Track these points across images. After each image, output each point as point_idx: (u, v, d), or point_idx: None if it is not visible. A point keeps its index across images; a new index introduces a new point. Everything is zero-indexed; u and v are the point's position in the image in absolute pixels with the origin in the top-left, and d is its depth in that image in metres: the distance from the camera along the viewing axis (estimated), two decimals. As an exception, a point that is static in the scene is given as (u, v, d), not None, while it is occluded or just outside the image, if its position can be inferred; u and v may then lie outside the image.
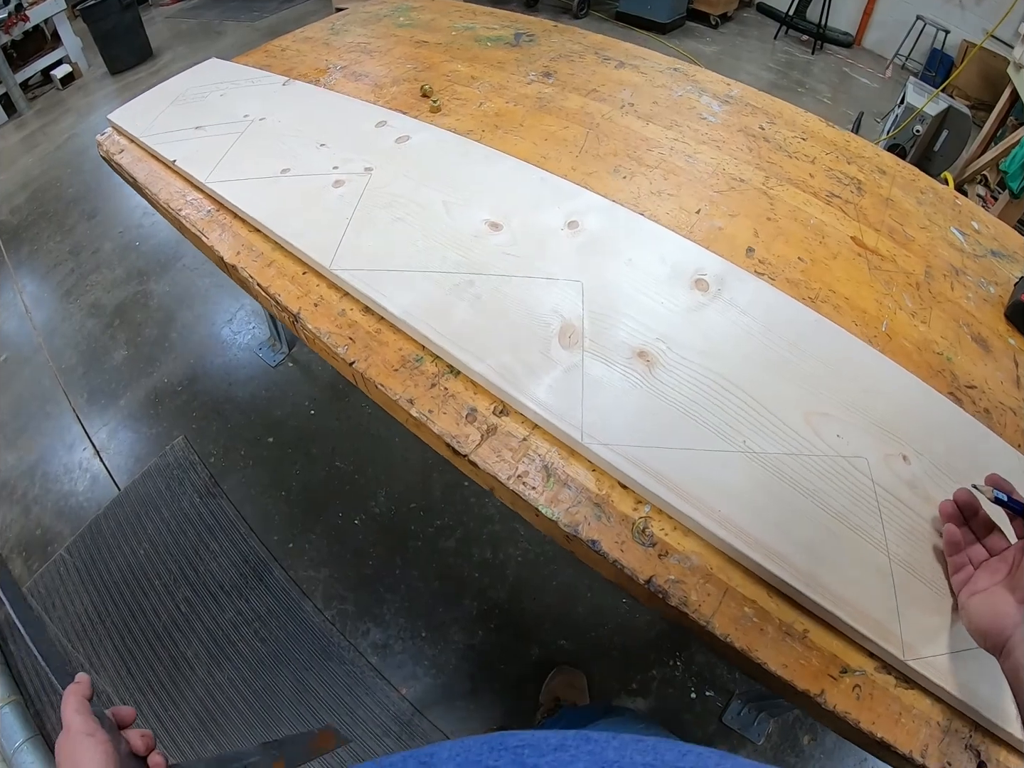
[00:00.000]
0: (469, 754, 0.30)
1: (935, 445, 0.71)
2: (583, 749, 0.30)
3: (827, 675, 0.56)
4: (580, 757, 0.29)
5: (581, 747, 0.30)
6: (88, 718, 0.44)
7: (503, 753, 0.30)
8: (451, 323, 0.73)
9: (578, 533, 0.62)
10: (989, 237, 1.07)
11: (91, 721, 0.44)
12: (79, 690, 0.47)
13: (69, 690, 0.47)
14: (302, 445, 1.63)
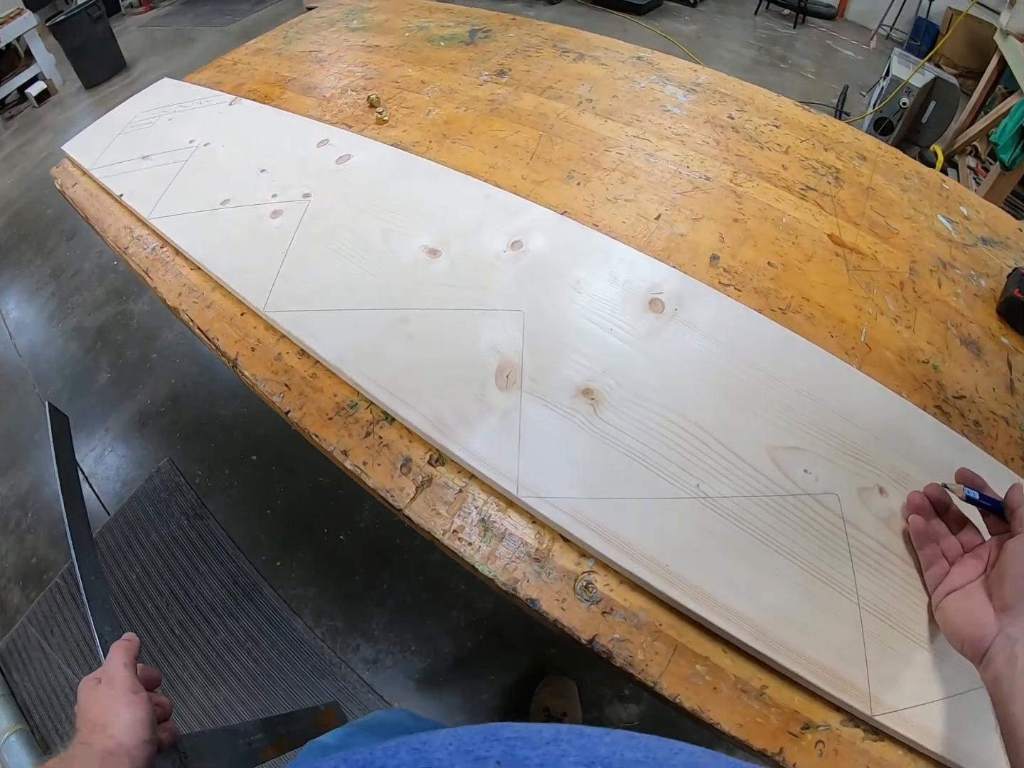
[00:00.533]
0: (462, 743, 0.30)
1: (916, 472, 0.65)
2: (575, 744, 0.30)
3: (787, 732, 0.52)
4: (571, 752, 0.29)
5: (573, 741, 0.30)
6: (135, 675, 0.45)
7: (495, 744, 0.30)
8: (384, 366, 0.70)
9: (516, 592, 0.58)
10: (979, 223, 0.99)
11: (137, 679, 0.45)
12: (130, 647, 0.48)
13: (120, 644, 0.48)
14: (285, 462, 1.62)
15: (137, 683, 0.45)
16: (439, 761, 0.29)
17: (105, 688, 0.44)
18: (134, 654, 0.47)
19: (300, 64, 1.25)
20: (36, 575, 1.48)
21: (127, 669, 0.45)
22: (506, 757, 0.29)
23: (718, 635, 0.55)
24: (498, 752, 0.29)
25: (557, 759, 0.29)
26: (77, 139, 1.20)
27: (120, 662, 0.45)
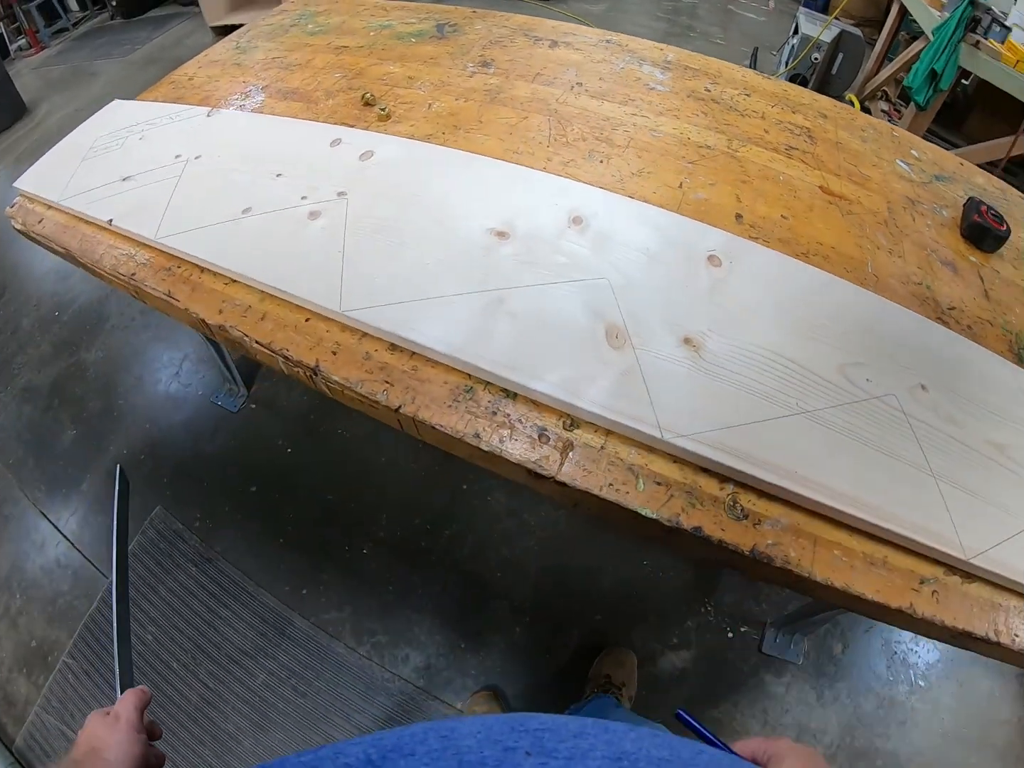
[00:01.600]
0: (490, 732, 0.31)
1: (941, 370, 0.79)
2: (601, 738, 0.31)
3: (911, 589, 0.63)
4: (598, 746, 0.30)
5: (599, 736, 0.31)
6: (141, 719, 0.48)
7: (523, 735, 0.31)
8: (494, 346, 0.71)
9: (680, 524, 0.63)
10: (930, 163, 1.15)
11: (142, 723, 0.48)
12: (144, 696, 0.51)
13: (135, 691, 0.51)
14: (288, 486, 1.55)
15: (141, 725, 0.48)
16: (468, 748, 0.29)
17: (111, 721, 0.47)
18: (145, 703, 0.50)
19: (267, 71, 1.21)
20: (39, 659, 1.33)
21: (136, 711, 0.48)
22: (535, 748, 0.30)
23: (842, 522, 0.65)
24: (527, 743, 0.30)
25: (585, 752, 0.29)
26: (30, 174, 1.10)
27: (132, 704, 0.49)
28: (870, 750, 1.33)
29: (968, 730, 1.38)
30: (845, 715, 1.36)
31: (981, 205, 1.05)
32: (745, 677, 1.35)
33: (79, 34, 3.79)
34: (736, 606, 1.43)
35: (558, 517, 1.54)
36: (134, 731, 0.47)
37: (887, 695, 1.39)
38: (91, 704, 1.30)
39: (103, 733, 0.46)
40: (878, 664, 1.41)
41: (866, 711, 1.37)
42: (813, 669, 1.38)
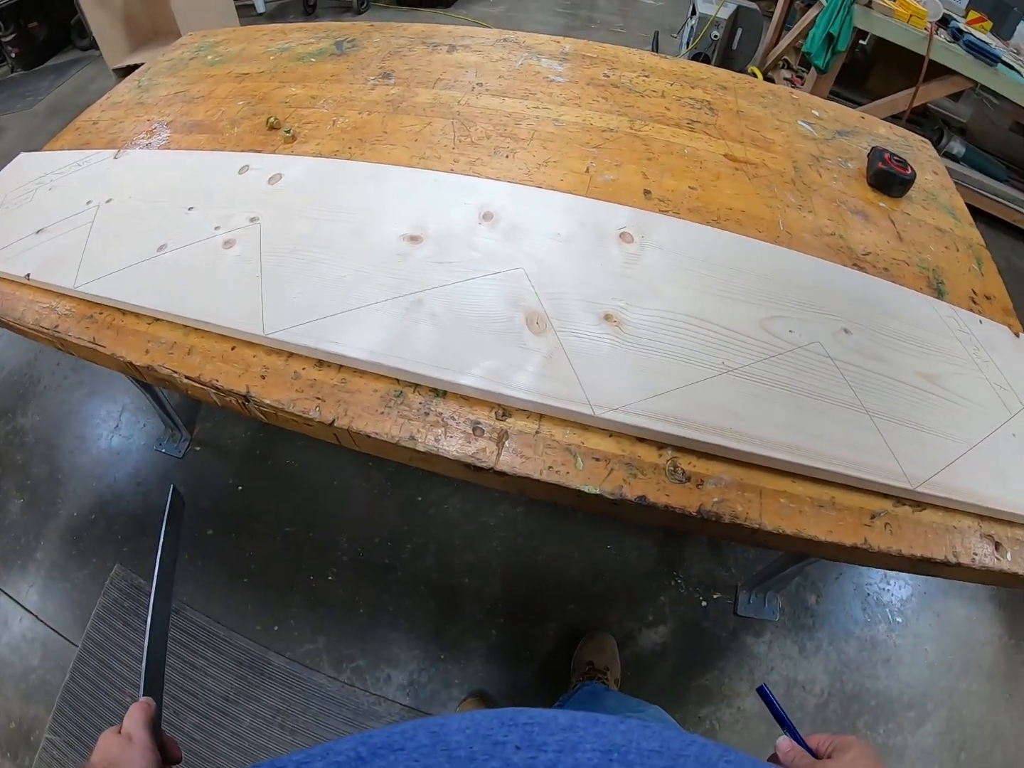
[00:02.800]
0: (480, 728, 0.31)
1: (862, 311, 0.82)
2: (591, 731, 0.31)
3: (863, 525, 0.65)
4: (587, 739, 0.30)
5: (589, 729, 0.31)
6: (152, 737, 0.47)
7: (513, 729, 0.31)
8: (418, 347, 0.72)
9: (624, 496, 0.64)
10: (831, 119, 1.20)
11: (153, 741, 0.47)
12: (148, 710, 0.49)
13: (139, 706, 0.50)
14: (244, 525, 1.52)
15: (153, 744, 0.47)
16: (457, 744, 0.29)
17: (124, 740, 0.47)
18: (151, 716, 0.49)
19: (170, 107, 1.20)
20: (21, 740, 1.27)
21: (144, 728, 0.47)
22: (525, 742, 0.30)
23: (785, 470, 0.67)
24: (516, 737, 0.30)
25: (575, 745, 0.30)
26: (-61, 239, 1.06)
27: (140, 721, 0.48)
28: (861, 692, 1.37)
29: (952, 656, 1.43)
30: (830, 663, 1.39)
31: (885, 153, 1.09)
32: (726, 642, 1.37)
33: (-20, 90, 3.66)
34: (705, 575, 1.46)
35: (516, 515, 1.55)
36: (148, 751, 0.46)
37: (868, 637, 1.43)
38: (82, 776, 1.25)
39: (117, 753, 0.46)
40: (854, 608, 1.45)
41: (850, 656, 1.40)
42: (791, 623, 1.41)
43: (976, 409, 0.74)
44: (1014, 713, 1.37)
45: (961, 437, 0.71)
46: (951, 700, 1.37)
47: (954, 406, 0.74)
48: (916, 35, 2.03)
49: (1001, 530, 0.67)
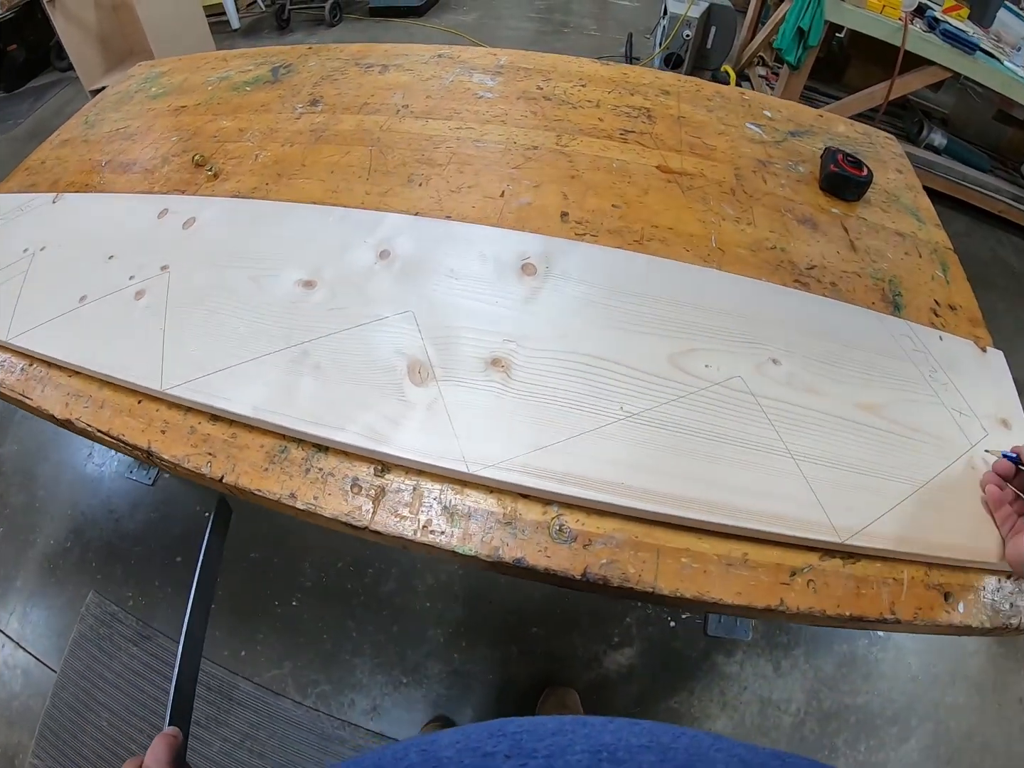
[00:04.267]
0: (469, 740, 0.31)
1: (797, 336, 0.76)
2: (580, 733, 0.31)
3: (779, 584, 0.60)
4: (577, 741, 0.30)
5: (578, 731, 0.31)
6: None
7: (502, 739, 0.30)
8: (300, 402, 0.70)
9: (501, 558, 0.61)
10: (784, 119, 1.14)
11: None
12: (174, 744, 0.47)
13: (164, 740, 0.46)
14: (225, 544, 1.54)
15: None
16: (448, 760, 0.29)
17: None
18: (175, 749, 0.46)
19: (111, 144, 1.20)
20: (6, 765, 1.32)
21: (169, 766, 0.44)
22: (514, 751, 0.30)
23: (688, 526, 0.62)
24: (506, 746, 0.30)
25: (564, 748, 0.29)
26: None
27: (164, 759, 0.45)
28: (840, 709, 1.33)
29: (938, 668, 1.37)
30: (807, 681, 1.35)
31: (838, 154, 1.03)
32: (696, 663, 1.34)
33: (-40, 115, 3.74)
34: (675, 594, 1.42)
35: None
36: None
37: (847, 652, 1.38)
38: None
39: None
40: (830, 627, 1.40)
41: (828, 672, 1.36)
42: (765, 642, 1.37)
43: (928, 441, 0.68)
44: (1004, 724, 1.31)
45: (907, 475, 0.65)
46: (937, 713, 1.32)
47: (901, 440, 0.67)
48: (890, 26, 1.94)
49: (952, 578, 0.61)
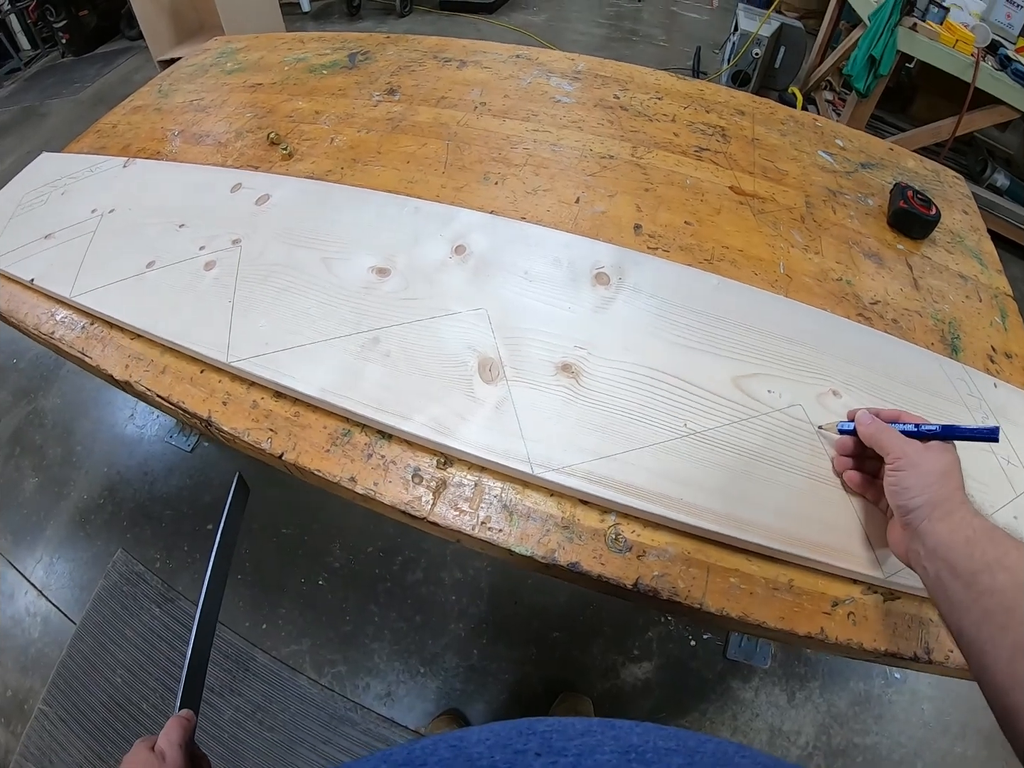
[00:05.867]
0: (499, 738, 0.31)
1: (857, 370, 0.76)
2: (608, 734, 0.31)
3: (821, 613, 0.60)
4: (606, 742, 0.30)
5: (606, 732, 0.31)
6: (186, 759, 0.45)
7: (532, 737, 0.31)
8: (368, 388, 0.71)
9: (556, 561, 0.62)
10: (855, 150, 1.12)
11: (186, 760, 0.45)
12: (188, 727, 0.47)
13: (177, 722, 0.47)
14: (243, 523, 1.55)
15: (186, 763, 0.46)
16: (479, 755, 0.30)
17: (157, 759, 0.45)
18: (190, 732, 0.48)
19: (184, 115, 1.22)
20: (15, 708, 1.35)
21: (180, 749, 0.45)
22: (544, 748, 0.30)
23: (739, 547, 0.62)
24: (536, 744, 0.30)
25: (593, 748, 0.30)
26: (-36, 231, 1.11)
27: (176, 740, 0.46)
28: (848, 747, 1.31)
29: (950, 718, 1.35)
30: (819, 715, 1.33)
31: (908, 190, 1.02)
32: (711, 684, 1.33)
33: (31, 74, 3.81)
34: (698, 613, 1.42)
35: None
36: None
37: (862, 691, 1.36)
38: (68, 749, 1.31)
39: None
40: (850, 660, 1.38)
41: (841, 709, 1.34)
42: (782, 671, 1.36)
43: (975, 487, 0.66)
44: (1007, 782, 1.29)
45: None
46: (944, 762, 1.30)
47: None
48: (962, 61, 1.91)
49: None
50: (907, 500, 0.52)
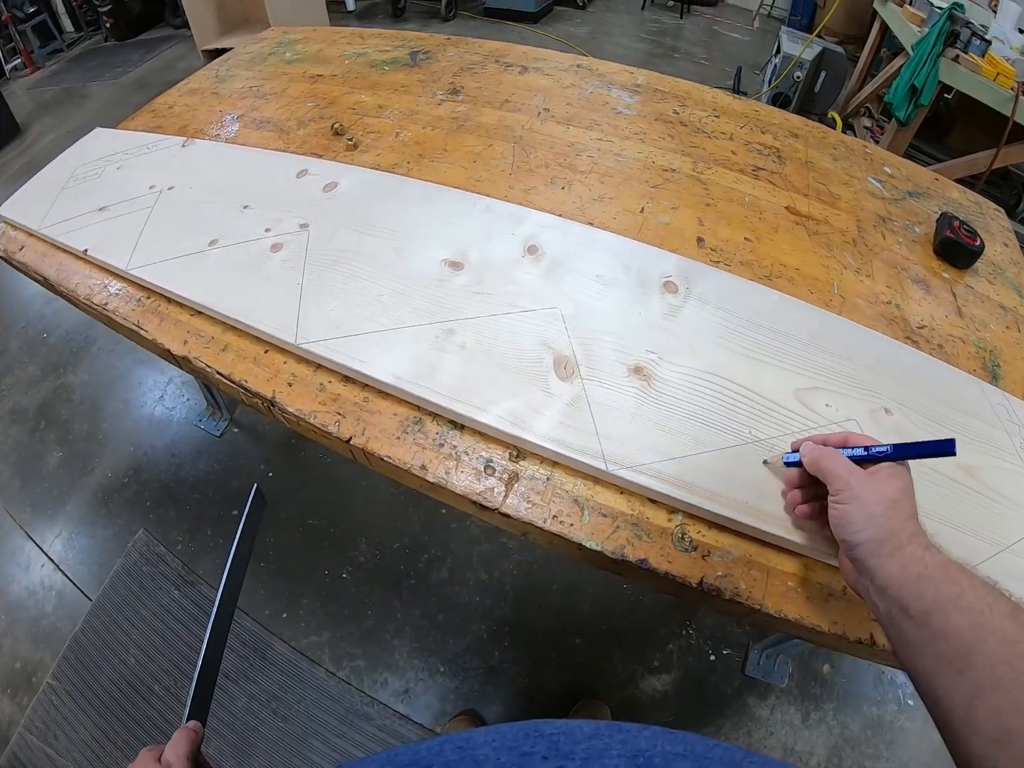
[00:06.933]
0: (505, 740, 0.31)
1: (907, 391, 0.77)
2: (616, 738, 0.31)
3: (871, 620, 0.61)
4: (613, 745, 0.30)
5: (614, 736, 0.31)
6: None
7: (539, 740, 0.31)
8: (443, 378, 0.72)
9: (625, 556, 0.63)
10: (903, 179, 1.15)
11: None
12: (195, 739, 0.46)
13: (186, 734, 0.46)
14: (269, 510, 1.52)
15: None
16: (485, 758, 0.30)
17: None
18: (197, 744, 0.46)
19: (243, 100, 1.23)
20: (24, 680, 1.34)
21: (187, 763, 0.44)
22: (551, 752, 0.30)
23: (796, 552, 0.64)
24: (543, 747, 0.30)
25: (601, 752, 0.30)
26: (12, 201, 1.12)
27: (184, 753, 0.44)
28: (859, 771, 1.31)
29: (960, 749, 1.35)
30: (832, 736, 1.34)
31: (954, 220, 1.04)
32: (728, 700, 1.34)
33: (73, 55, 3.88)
34: (719, 628, 1.42)
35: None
36: None
37: (875, 715, 1.37)
38: (74, 726, 1.31)
39: None
40: (866, 684, 1.39)
41: (853, 732, 1.35)
42: (798, 691, 1.36)
43: (1013, 509, 0.68)
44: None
45: (993, 537, 0.65)
46: (950, 794, 1.31)
47: (990, 503, 0.68)
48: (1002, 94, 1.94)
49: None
50: (851, 535, 0.48)
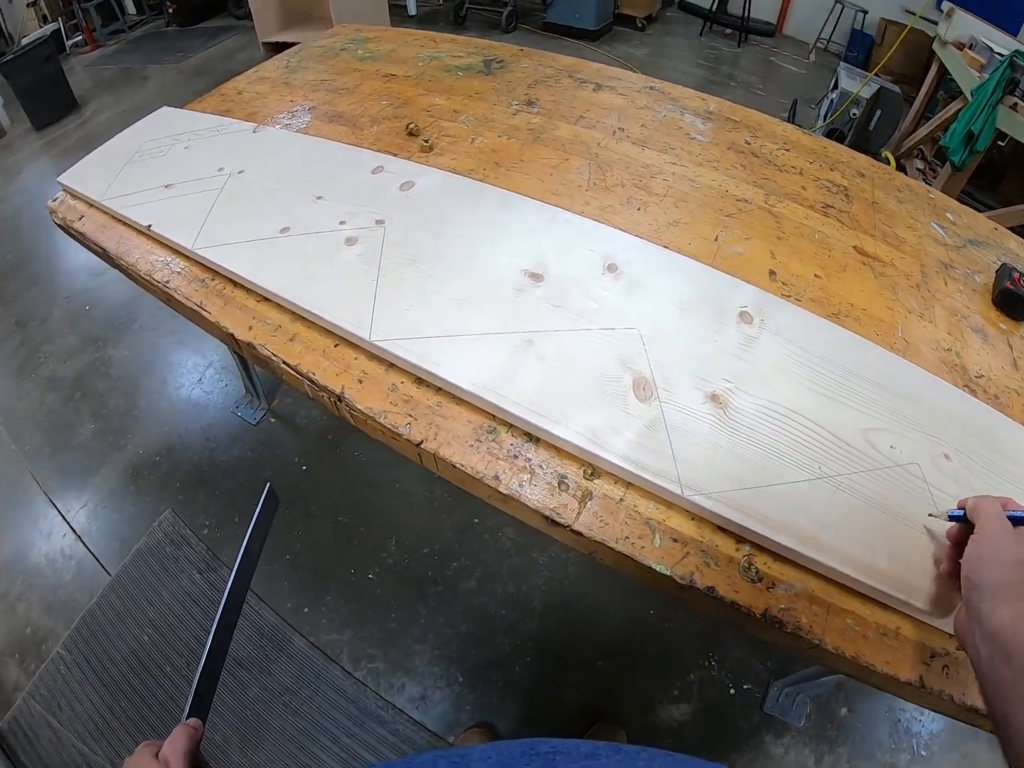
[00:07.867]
0: (501, 757, 0.31)
1: (966, 439, 0.77)
2: (613, 759, 0.31)
3: (922, 663, 0.61)
4: (610, 766, 0.30)
5: (611, 756, 0.31)
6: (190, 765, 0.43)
7: (535, 758, 0.30)
8: (521, 389, 0.72)
9: (693, 583, 0.62)
10: (964, 227, 1.15)
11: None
12: (194, 736, 0.45)
13: (184, 731, 0.45)
14: (300, 504, 1.55)
15: None
16: None
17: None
18: (196, 743, 0.46)
19: (314, 93, 1.24)
20: (34, 647, 1.34)
21: (185, 759, 0.43)
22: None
23: (857, 591, 0.64)
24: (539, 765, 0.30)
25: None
26: (73, 171, 1.13)
27: (182, 750, 0.44)
28: (868, 820, 1.30)
29: (970, 803, 1.34)
30: (844, 781, 1.32)
31: (1014, 272, 1.04)
32: (744, 736, 1.32)
33: (134, 37, 3.96)
34: (741, 662, 1.41)
35: (568, 557, 1.53)
36: None
37: (888, 763, 1.35)
38: (80, 698, 1.30)
39: None
40: (881, 731, 1.38)
41: (865, 779, 1.33)
42: (814, 732, 1.35)
43: None
44: None
45: None
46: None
47: None
48: (1059, 145, 1.94)
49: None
50: (975, 572, 0.50)
